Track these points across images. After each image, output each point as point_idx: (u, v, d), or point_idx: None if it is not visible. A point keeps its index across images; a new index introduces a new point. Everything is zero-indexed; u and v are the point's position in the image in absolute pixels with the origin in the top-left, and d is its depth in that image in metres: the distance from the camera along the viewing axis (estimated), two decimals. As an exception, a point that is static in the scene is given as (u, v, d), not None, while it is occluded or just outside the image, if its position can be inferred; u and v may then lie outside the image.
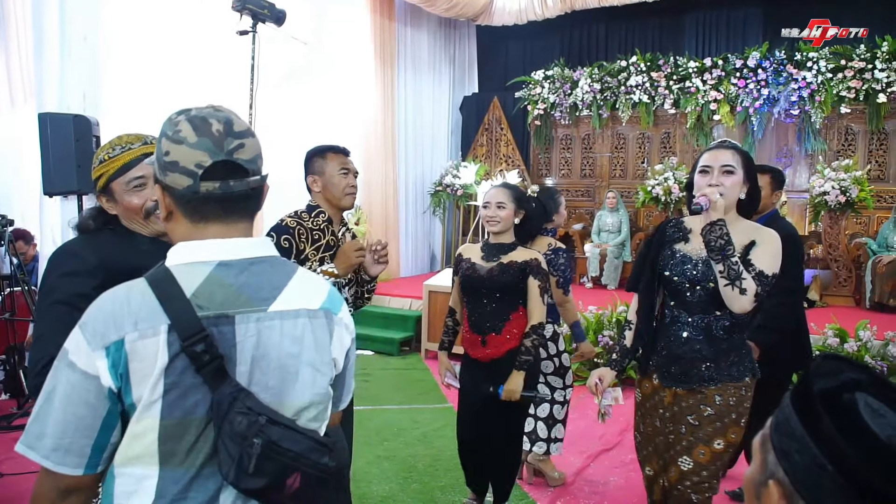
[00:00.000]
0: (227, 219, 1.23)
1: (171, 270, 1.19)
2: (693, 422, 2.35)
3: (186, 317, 1.14)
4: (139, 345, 1.12)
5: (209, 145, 1.18)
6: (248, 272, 1.23)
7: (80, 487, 1.16)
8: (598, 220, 8.74)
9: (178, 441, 1.15)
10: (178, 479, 1.15)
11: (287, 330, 1.23)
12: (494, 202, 3.10)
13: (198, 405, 1.15)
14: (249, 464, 1.11)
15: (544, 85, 9.85)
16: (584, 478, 4.01)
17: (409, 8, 9.75)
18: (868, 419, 0.72)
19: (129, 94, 5.87)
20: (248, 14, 5.01)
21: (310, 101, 7.75)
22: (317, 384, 1.26)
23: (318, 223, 2.72)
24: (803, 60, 8.13)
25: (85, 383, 1.12)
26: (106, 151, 1.84)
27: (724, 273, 2.18)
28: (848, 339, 5.32)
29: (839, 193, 7.13)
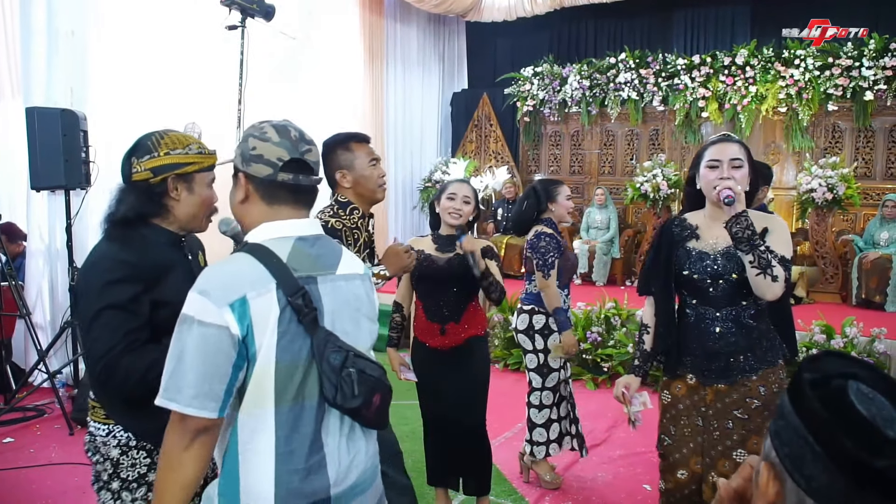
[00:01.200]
0: (295, 205, 1.55)
1: (263, 245, 1.47)
2: (741, 416, 2.34)
3: (288, 277, 1.43)
4: (258, 301, 1.39)
5: (288, 145, 1.52)
6: (318, 245, 1.56)
7: (209, 429, 1.38)
8: (586, 217, 8.76)
9: (289, 380, 1.42)
10: (290, 411, 1.42)
11: (350, 288, 1.58)
12: (461, 195, 3.09)
13: (302, 349, 1.43)
14: (351, 387, 1.43)
15: (533, 81, 9.86)
16: (573, 474, 4.03)
17: (398, 4, 9.73)
18: (855, 400, 0.73)
19: (116, 88, 5.84)
20: (236, 9, 5.00)
21: (298, 97, 7.73)
22: (372, 331, 1.64)
23: (355, 220, 2.53)
24: (791, 58, 8.17)
25: (218, 334, 1.35)
26: (194, 145, 1.91)
27: (755, 262, 2.20)
28: (834, 335, 5.37)
29: (826, 191, 7.18)
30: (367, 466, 1.56)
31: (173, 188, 1.87)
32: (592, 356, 5.93)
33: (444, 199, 3.12)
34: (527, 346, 3.71)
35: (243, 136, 1.56)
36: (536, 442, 3.79)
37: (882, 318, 5.92)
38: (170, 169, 1.85)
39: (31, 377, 5.12)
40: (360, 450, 1.55)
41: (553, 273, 3.58)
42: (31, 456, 4.10)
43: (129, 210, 1.85)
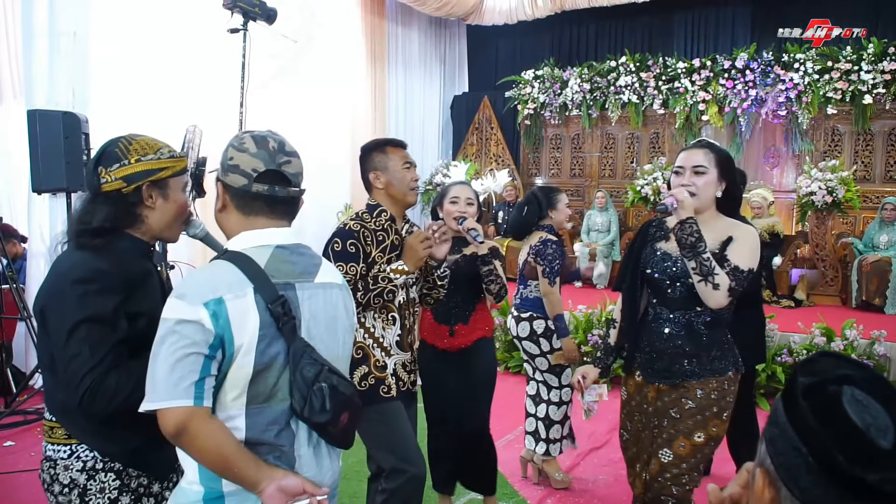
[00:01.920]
0: (271, 215, 1.55)
1: (242, 252, 1.50)
2: (675, 415, 2.37)
3: (265, 283, 1.46)
4: (235, 303, 1.41)
5: (265, 156, 1.53)
6: (297, 253, 1.57)
7: (193, 419, 1.37)
8: (587, 220, 8.78)
9: (262, 382, 1.44)
10: (264, 414, 1.45)
11: (328, 298, 1.59)
12: (464, 198, 3.10)
13: (279, 354, 1.45)
14: (320, 402, 1.43)
15: (534, 84, 9.88)
16: (574, 475, 4.03)
17: (400, 7, 9.75)
18: (848, 408, 0.73)
19: (118, 90, 5.85)
20: (238, 12, 5.00)
21: (300, 100, 7.74)
22: (347, 342, 1.66)
23: (381, 223, 2.56)
24: (790, 62, 8.20)
25: (188, 327, 1.38)
26: (165, 149, 1.79)
27: (697, 269, 2.22)
28: (834, 338, 5.38)
29: (826, 194, 7.19)
30: (328, 484, 1.55)
31: (147, 196, 1.75)
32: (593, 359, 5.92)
33: (448, 204, 3.12)
34: (534, 351, 3.73)
35: (225, 147, 1.58)
36: (553, 439, 3.82)
37: (882, 321, 5.93)
38: (143, 176, 1.72)
39: (32, 380, 5.11)
40: (324, 467, 1.56)
41: (558, 280, 3.62)
42: (32, 459, 4.10)
43: (104, 221, 1.71)
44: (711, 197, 2.34)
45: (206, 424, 1.39)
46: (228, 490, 1.43)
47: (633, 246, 2.58)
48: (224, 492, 1.43)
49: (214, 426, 1.40)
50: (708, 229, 2.33)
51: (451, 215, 3.09)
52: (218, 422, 1.41)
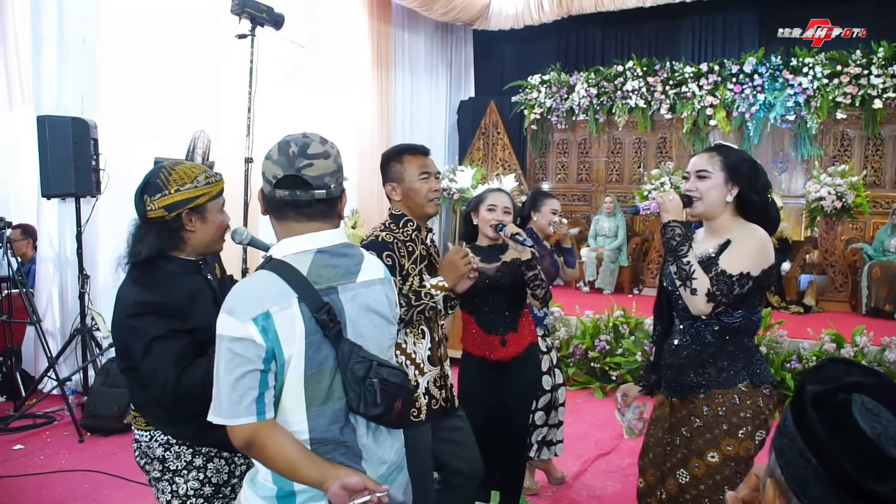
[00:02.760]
0: (300, 219, 1.59)
1: (284, 261, 1.55)
2: (686, 434, 2.29)
3: (309, 292, 1.52)
4: (281, 315, 1.48)
5: (283, 162, 1.56)
6: (339, 255, 1.62)
7: (259, 432, 1.47)
8: (594, 225, 8.76)
9: (317, 386, 1.52)
10: (325, 415, 1.53)
11: (371, 294, 1.66)
12: (501, 206, 3.04)
13: (328, 357, 1.53)
14: (373, 397, 1.51)
15: (541, 89, 9.88)
16: (582, 483, 4.02)
17: (406, 12, 9.77)
18: (858, 417, 0.72)
19: (127, 96, 5.86)
20: (246, 18, 5.01)
21: (307, 105, 7.75)
22: (391, 331, 1.74)
23: (409, 233, 2.49)
24: (799, 66, 8.16)
25: (240, 345, 1.46)
26: (201, 176, 2.00)
27: (677, 274, 2.18)
28: (844, 344, 5.34)
29: (835, 199, 7.15)
30: (393, 461, 1.68)
31: (188, 221, 1.98)
32: (601, 364, 5.91)
33: (484, 211, 3.06)
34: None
35: None
36: (560, 441, 3.86)
37: (892, 328, 5.88)
38: (183, 205, 1.95)
39: (41, 384, 5.13)
40: (386, 446, 1.67)
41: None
42: (41, 463, 4.11)
43: (151, 249, 1.95)
44: (719, 201, 2.26)
45: (271, 435, 1.48)
46: (299, 488, 1.53)
47: (664, 260, 2.53)
48: (295, 490, 1.53)
49: (278, 435, 1.49)
50: (714, 235, 2.29)
51: (487, 223, 3.03)
52: (282, 430, 1.50)
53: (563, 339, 6.11)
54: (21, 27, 6.02)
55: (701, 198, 2.26)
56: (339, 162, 1.63)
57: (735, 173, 2.25)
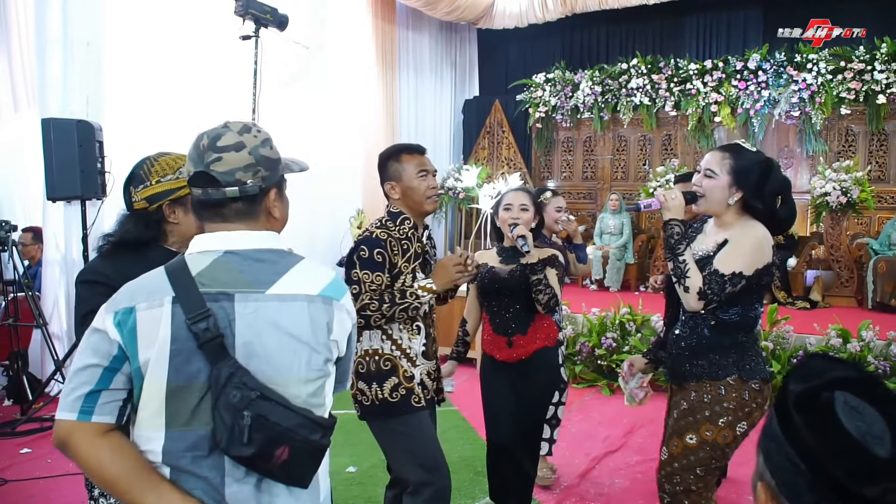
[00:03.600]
0: (215, 219, 1.41)
1: (185, 257, 1.39)
2: (674, 415, 2.43)
3: (190, 292, 1.32)
4: (147, 314, 1.30)
5: (194, 157, 1.39)
6: (254, 259, 1.39)
7: (74, 434, 1.28)
8: (600, 223, 8.75)
9: (182, 403, 1.30)
10: (184, 438, 1.31)
11: (284, 310, 1.36)
12: (517, 205, 3.02)
13: (200, 372, 1.30)
14: (242, 433, 1.25)
15: (545, 88, 9.87)
16: (590, 480, 4.01)
17: (410, 12, 9.78)
18: (842, 417, 0.72)
19: (131, 98, 5.89)
20: (250, 19, 5.03)
21: (312, 105, 7.77)
22: (312, 362, 1.38)
23: (405, 231, 2.53)
24: (803, 62, 8.15)
25: (94, 336, 1.31)
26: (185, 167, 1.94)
27: (673, 271, 2.30)
28: (851, 339, 5.33)
29: (840, 194, 7.14)
30: None
31: (170, 212, 1.96)
32: (607, 362, 5.90)
33: (502, 211, 3.06)
34: None
35: None
36: (552, 439, 3.87)
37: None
38: (163, 196, 1.94)
39: (48, 387, 5.15)
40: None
41: None
42: (48, 466, 4.12)
43: (125, 234, 1.95)
44: (720, 202, 2.31)
45: (88, 441, 1.28)
46: None
47: None
48: None
49: (100, 444, 1.28)
50: (720, 231, 2.35)
51: (505, 223, 3.02)
52: (110, 440, 1.29)
53: (570, 336, 6.10)
54: (26, 30, 6.04)
55: (704, 195, 2.34)
56: (258, 154, 1.40)
57: (741, 178, 2.28)
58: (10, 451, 4.34)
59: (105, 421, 1.29)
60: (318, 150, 6.95)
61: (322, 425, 1.34)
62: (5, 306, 5.09)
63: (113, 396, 1.30)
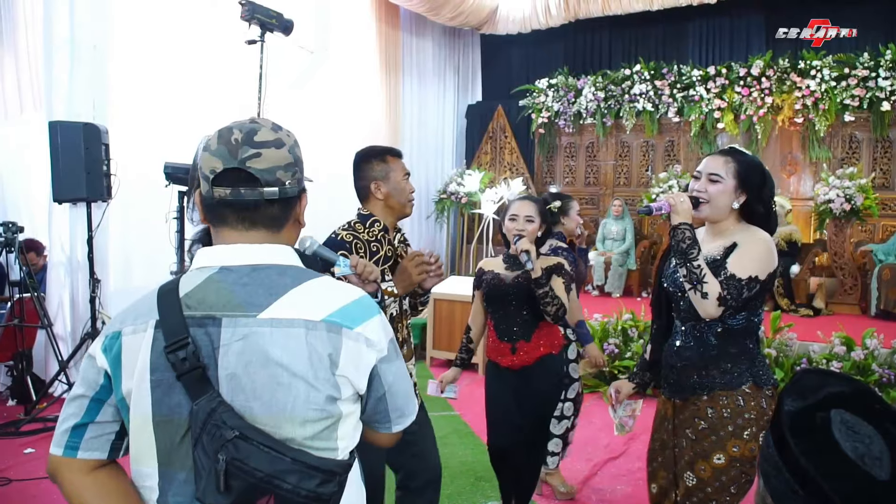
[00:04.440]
0: (238, 225, 1.25)
1: (182, 275, 1.26)
2: (691, 436, 2.29)
3: (172, 316, 1.17)
4: (131, 339, 1.19)
5: (224, 153, 1.22)
6: (250, 277, 1.22)
7: (59, 471, 1.21)
8: (602, 228, 8.75)
9: (168, 438, 1.17)
10: (175, 477, 1.18)
11: (277, 338, 1.17)
12: (523, 216, 3.01)
13: (182, 405, 1.16)
14: (217, 481, 1.09)
15: (548, 93, 9.89)
16: (591, 486, 4.01)
17: (414, 17, 9.80)
18: (839, 438, 0.71)
19: (138, 102, 5.91)
20: (256, 24, 5.05)
21: (316, 109, 7.79)
22: (311, 400, 1.17)
23: (374, 233, 2.51)
24: (807, 69, 8.16)
25: (87, 362, 1.23)
26: None
27: (687, 277, 2.16)
28: (855, 347, 5.32)
29: (844, 201, 7.14)
30: None
31: None
32: (609, 368, 5.90)
33: (507, 221, 3.06)
34: None
35: None
36: (552, 452, 3.78)
37: (903, 330, 5.86)
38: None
39: (52, 388, 5.16)
40: None
41: (572, 286, 3.57)
42: (53, 466, 4.13)
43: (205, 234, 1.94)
44: (725, 207, 2.27)
45: (73, 478, 1.20)
46: None
47: (661, 259, 2.55)
48: None
49: (86, 483, 1.20)
50: (718, 237, 2.29)
51: (510, 233, 3.03)
52: (96, 479, 1.21)
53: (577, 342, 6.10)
54: (33, 33, 6.06)
55: (709, 201, 2.26)
56: (296, 154, 1.29)
57: (746, 182, 2.26)
58: (13, 451, 4.35)
59: (93, 457, 1.20)
60: (321, 153, 6.96)
61: (321, 469, 1.14)
62: (11, 307, 5.11)
63: (101, 430, 1.21)
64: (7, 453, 4.30)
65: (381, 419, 1.32)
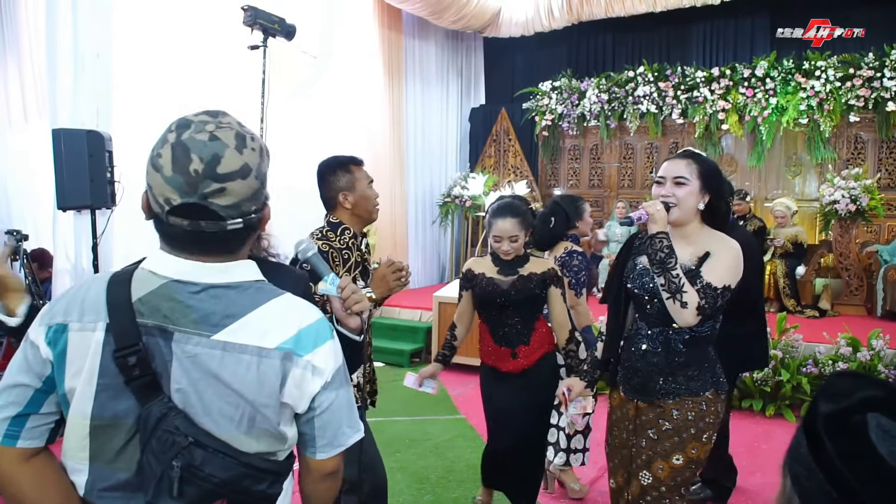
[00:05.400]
0: (195, 249, 1.19)
1: (134, 272, 1.20)
2: (653, 436, 2.32)
3: (124, 321, 1.14)
4: (78, 336, 1.16)
5: (181, 184, 1.12)
6: (207, 294, 1.18)
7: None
8: (606, 231, 8.74)
9: (108, 441, 1.15)
10: (106, 478, 1.17)
11: (228, 362, 1.16)
12: (507, 238, 2.99)
13: (128, 413, 1.14)
14: (171, 486, 1.09)
15: (552, 96, 9.88)
16: (597, 489, 4.00)
17: (417, 21, 9.81)
18: (876, 442, 0.70)
19: (141, 109, 5.93)
20: (258, 29, 5.07)
21: (319, 114, 7.80)
22: (257, 423, 1.18)
23: (345, 241, 2.56)
24: (811, 69, 8.13)
25: (31, 352, 1.18)
26: None
27: (666, 286, 2.17)
28: (861, 348, 5.29)
29: (849, 202, 7.11)
30: None
31: None
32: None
33: (492, 241, 3.06)
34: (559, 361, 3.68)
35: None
36: (574, 449, 3.80)
37: (909, 331, 5.82)
38: None
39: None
40: None
41: (584, 291, 3.58)
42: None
43: None
44: (693, 209, 2.29)
45: (9, 466, 1.17)
46: None
47: (618, 259, 2.57)
48: None
49: (23, 471, 1.17)
50: (688, 243, 2.30)
51: (497, 249, 3.04)
52: (33, 467, 1.18)
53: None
54: (36, 41, 6.09)
55: (678, 204, 2.27)
56: (262, 173, 1.20)
57: (708, 181, 2.30)
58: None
59: (31, 445, 1.18)
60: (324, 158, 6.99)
61: (271, 472, 1.18)
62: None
63: (42, 420, 1.19)
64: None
65: (307, 442, 1.29)
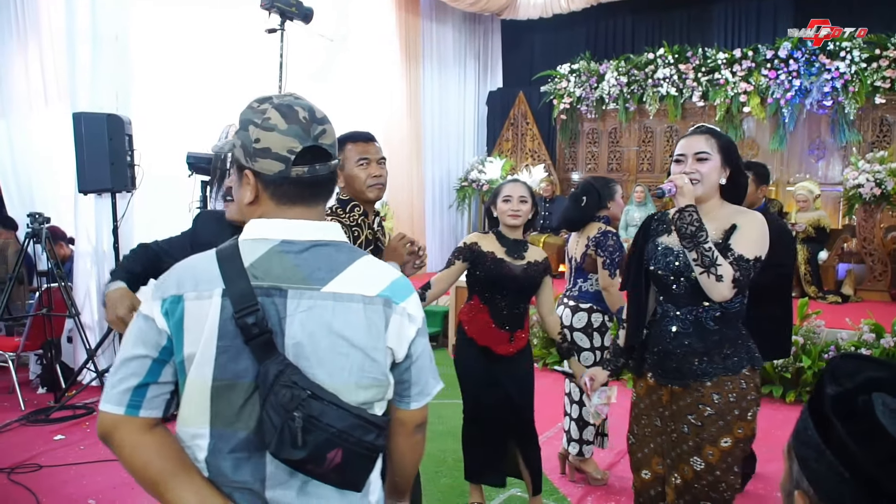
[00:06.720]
0: (310, 201, 1.32)
1: (238, 244, 1.29)
2: (695, 422, 2.27)
3: (240, 285, 1.22)
4: (195, 304, 1.22)
5: (298, 132, 1.28)
6: (310, 252, 1.29)
7: (119, 429, 1.22)
8: (625, 215, 8.66)
9: (226, 402, 1.22)
10: (227, 438, 1.23)
11: (339, 311, 1.25)
12: (517, 196, 3.04)
13: (247, 371, 1.22)
14: (294, 436, 1.16)
15: (570, 79, 9.79)
16: (615, 474, 3.99)
17: (434, 3, 9.75)
18: (884, 421, 0.70)
19: (160, 92, 5.95)
20: (276, 12, 5.05)
21: (337, 97, 7.78)
22: (366, 369, 1.27)
23: (355, 217, 2.51)
24: (836, 50, 7.98)
25: (145, 324, 1.24)
26: None
27: (698, 261, 2.12)
28: (884, 334, 5.22)
29: (874, 186, 6.99)
30: None
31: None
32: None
33: (501, 202, 3.07)
34: (583, 343, 3.67)
35: (241, 122, 1.32)
36: (586, 440, 3.79)
37: (934, 317, 5.74)
38: None
39: (81, 376, 5.24)
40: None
41: (617, 272, 3.55)
42: (82, 452, 4.20)
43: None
44: (715, 184, 2.26)
45: (134, 437, 1.22)
46: None
47: (636, 242, 2.50)
48: None
49: (146, 441, 1.22)
50: (711, 218, 2.25)
51: (505, 213, 3.05)
52: (155, 437, 1.24)
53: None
54: (56, 25, 6.11)
55: (701, 180, 2.24)
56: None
57: (728, 156, 2.28)
58: (44, 438, 4.43)
59: (152, 416, 1.23)
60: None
61: (377, 424, 1.24)
62: (39, 297, 5.18)
63: (161, 390, 1.24)
64: (38, 440, 4.38)
65: (403, 392, 1.38)
